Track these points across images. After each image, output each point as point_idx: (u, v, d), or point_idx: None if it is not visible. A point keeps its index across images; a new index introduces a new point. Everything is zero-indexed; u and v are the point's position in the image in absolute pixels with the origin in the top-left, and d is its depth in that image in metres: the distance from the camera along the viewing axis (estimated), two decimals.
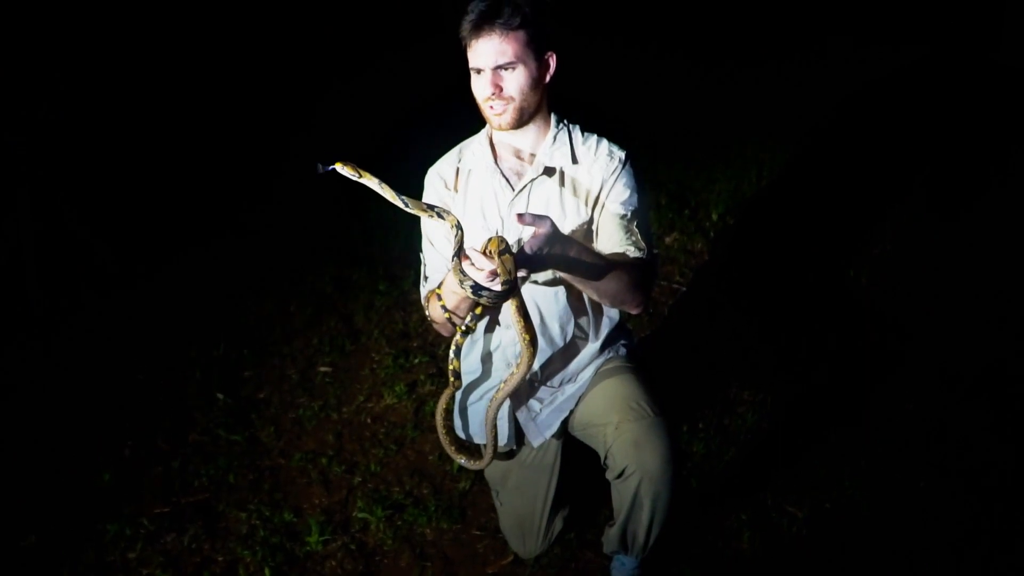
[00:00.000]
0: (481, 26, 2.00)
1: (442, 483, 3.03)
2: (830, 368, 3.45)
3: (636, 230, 2.11)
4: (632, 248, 2.09)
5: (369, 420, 3.41)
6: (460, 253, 1.84)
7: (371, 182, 1.89)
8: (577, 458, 2.38)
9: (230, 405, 3.52)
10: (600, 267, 1.97)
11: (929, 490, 2.80)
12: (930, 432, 3.06)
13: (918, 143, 5.39)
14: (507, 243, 1.81)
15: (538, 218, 1.81)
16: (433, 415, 3.24)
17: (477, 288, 1.78)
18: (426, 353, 3.78)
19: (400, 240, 4.53)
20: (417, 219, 2.13)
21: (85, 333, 4.01)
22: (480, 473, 2.89)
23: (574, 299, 2.20)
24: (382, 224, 4.76)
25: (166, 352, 3.86)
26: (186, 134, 5.82)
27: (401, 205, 1.92)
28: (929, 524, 2.67)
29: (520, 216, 1.80)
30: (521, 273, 1.82)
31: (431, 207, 1.95)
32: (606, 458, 2.09)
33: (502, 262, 1.76)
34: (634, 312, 2.15)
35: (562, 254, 1.87)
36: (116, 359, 3.82)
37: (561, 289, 2.18)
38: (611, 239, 2.11)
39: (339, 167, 1.88)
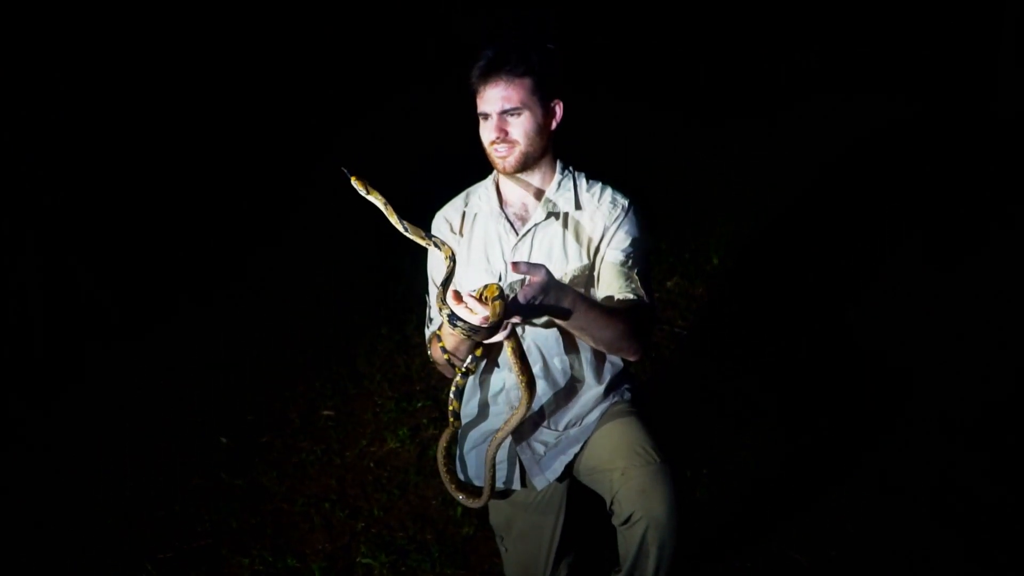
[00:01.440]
0: (489, 73, 2.08)
1: (445, 528, 3.02)
2: (832, 415, 3.46)
3: (636, 277, 2.14)
4: (631, 295, 2.11)
5: (372, 464, 3.41)
6: (447, 284, 1.90)
7: (377, 200, 1.96)
8: (582, 503, 2.38)
9: (232, 449, 3.52)
10: (596, 315, 2.00)
11: (932, 538, 2.79)
12: (932, 480, 3.05)
13: (915, 192, 5.45)
14: (503, 291, 1.84)
15: (533, 267, 1.83)
16: (436, 460, 3.26)
17: (453, 317, 1.82)
18: (429, 397, 3.79)
19: (402, 284, 4.56)
20: (419, 263, 2.15)
21: (89, 380, 4.01)
22: (484, 518, 2.88)
23: (576, 342, 2.22)
24: (384, 268, 4.79)
25: (168, 396, 3.87)
26: (189, 180, 5.87)
27: (401, 229, 1.97)
28: (933, 572, 2.66)
29: (515, 265, 1.83)
30: (515, 319, 1.85)
31: (429, 236, 2.00)
32: (612, 504, 2.09)
33: (493, 306, 1.79)
34: (632, 359, 2.17)
35: (556, 303, 1.89)
36: (119, 403, 3.82)
37: (561, 333, 2.20)
38: (611, 285, 2.14)
39: (353, 180, 1.94)
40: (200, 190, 5.82)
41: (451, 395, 2.19)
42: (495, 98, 2.08)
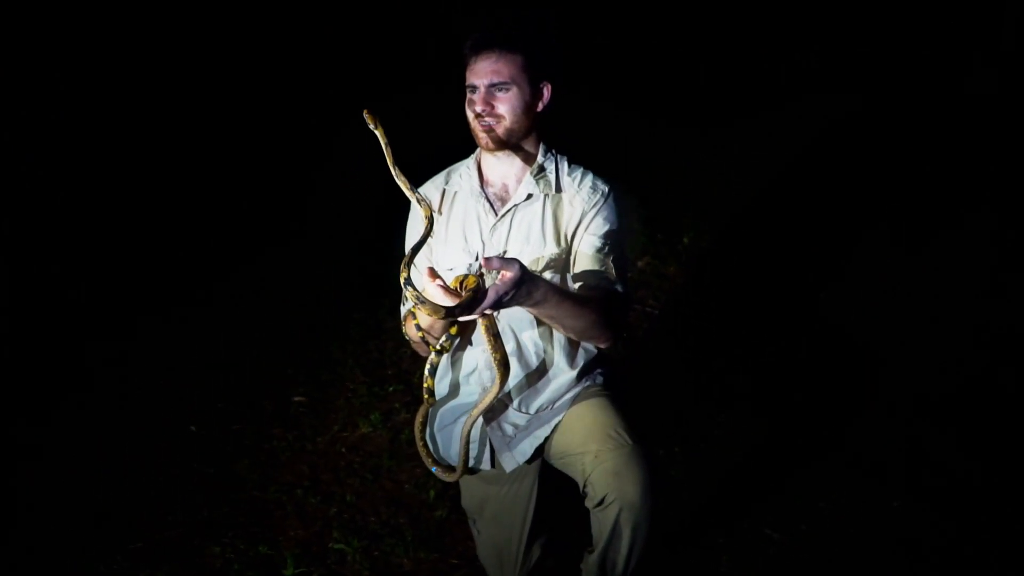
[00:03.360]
0: (480, 46, 2.11)
1: (419, 512, 3.02)
2: (804, 392, 3.48)
3: (611, 264, 2.14)
4: (605, 281, 2.12)
5: (344, 450, 3.39)
6: (418, 248, 1.92)
7: (381, 138, 1.99)
8: (554, 485, 2.38)
9: (203, 437, 3.49)
10: (568, 306, 2.00)
11: (904, 511, 2.83)
12: (903, 454, 3.09)
13: (889, 171, 5.48)
14: (480, 286, 1.85)
15: (506, 262, 1.83)
16: (409, 443, 3.25)
17: (408, 282, 1.83)
18: (401, 381, 3.77)
19: (373, 267, 4.52)
20: (393, 245, 2.13)
21: (57, 371, 3.96)
22: (457, 501, 2.88)
23: (548, 327, 2.21)
24: (356, 250, 4.76)
25: (137, 386, 3.82)
26: (157, 175, 5.80)
27: (392, 172, 1.99)
28: (904, 545, 2.69)
29: (488, 260, 1.82)
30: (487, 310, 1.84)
31: (414, 189, 2.01)
32: (585, 487, 2.09)
33: (465, 293, 1.83)
34: (603, 346, 2.20)
35: (527, 296, 1.89)
36: (86, 394, 3.77)
37: (535, 317, 2.19)
38: (585, 271, 2.14)
39: (364, 112, 1.98)
40: (174, 184, 5.75)
41: (426, 373, 2.20)
42: (484, 71, 2.11)
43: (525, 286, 1.86)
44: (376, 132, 1.99)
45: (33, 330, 4.22)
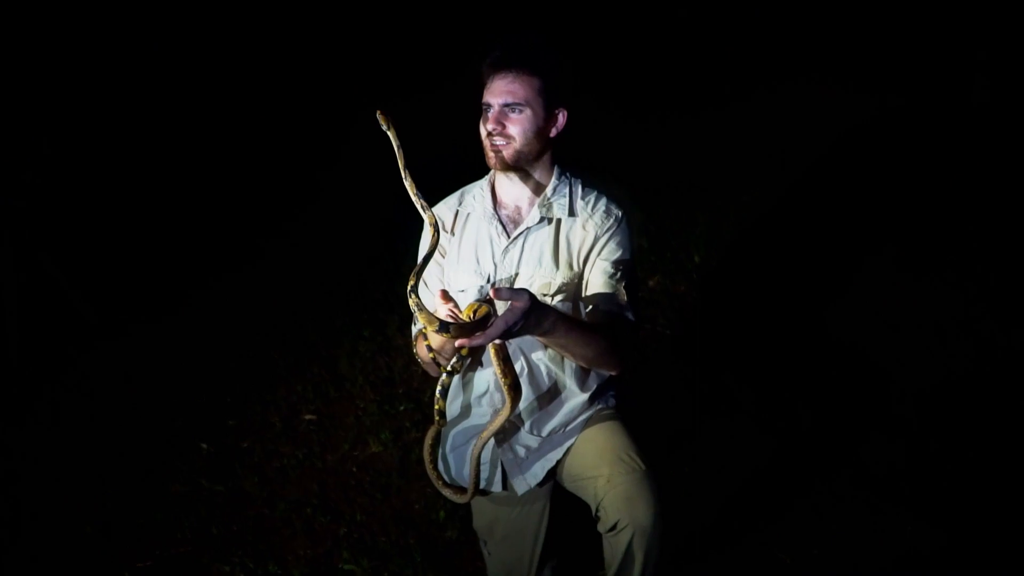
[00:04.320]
0: (499, 65, 2.12)
1: (429, 532, 3.01)
2: (814, 410, 3.46)
3: (622, 291, 2.14)
4: (615, 308, 2.12)
5: (354, 468, 3.39)
6: (427, 259, 1.97)
7: (393, 140, 2.01)
8: (566, 509, 2.37)
9: (213, 454, 3.49)
10: (577, 335, 2.01)
11: (916, 533, 2.80)
12: (915, 473, 3.06)
13: (894, 182, 5.46)
14: (493, 312, 1.87)
15: (515, 292, 1.83)
16: (419, 463, 3.24)
17: (414, 289, 1.88)
18: (411, 399, 3.77)
19: (383, 284, 4.53)
20: (401, 263, 2.14)
21: (66, 384, 3.97)
22: (468, 522, 2.87)
23: None
24: (365, 268, 4.76)
25: (148, 402, 3.83)
26: (169, 182, 5.83)
27: (403, 175, 2.01)
28: (918, 569, 2.67)
29: (497, 291, 1.83)
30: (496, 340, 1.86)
31: (420, 195, 2.02)
32: (597, 511, 2.08)
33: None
34: (612, 374, 2.20)
35: (536, 324, 1.89)
36: (97, 408, 3.78)
37: None
38: (596, 296, 2.14)
39: (378, 113, 2.01)
40: (186, 194, 5.77)
41: (437, 394, 2.19)
42: (500, 90, 2.11)
43: (534, 315, 1.86)
44: (388, 133, 2.00)
45: (40, 342, 4.24)
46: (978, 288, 4.22)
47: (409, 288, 1.87)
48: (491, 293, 1.83)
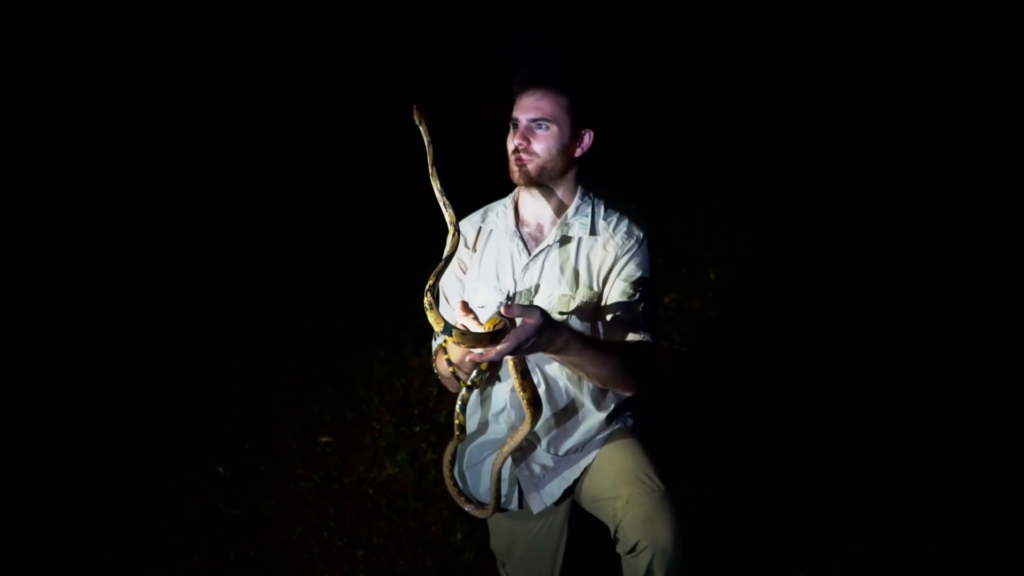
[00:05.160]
0: (529, 83, 2.16)
1: (446, 554, 2.99)
2: (833, 431, 3.43)
3: (641, 312, 2.13)
4: (632, 331, 2.11)
5: (370, 491, 3.37)
6: (447, 261, 1.99)
7: (425, 135, 2.03)
8: (585, 530, 2.35)
9: (230, 478, 3.49)
10: (591, 353, 2.00)
11: (939, 554, 2.76)
12: (936, 493, 3.02)
13: (909, 198, 5.42)
14: (508, 326, 1.86)
15: (526, 309, 1.83)
16: (435, 484, 3.23)
17: (432, 288, 1.89)
18: (427, 421, 3.75)
19: (398, 303, 4.52)
20: (418, 276, 2.13)
21: (85, 409, 3.98)
22: (485, 544, 2.85)
23: None
24: (380, 289, 4.76)
25: (165, 426, 3.83)
26: (183, 207, 5.84)
27: (430, 170, 2.02)
28: None
29: (508, 308, 1.83)
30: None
31: (444, 193, 2.04)
32: (616, 532, 2.07)
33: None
34: (629, 394, 2.19)
35: (549, 342, 1.89)
36: (114, 433, 3.79)
37: None
38: (614, 317, 2.14)
39: (414, 108, 2.05)
40: (202, 215, 5.78)
41: (457, 408, 2.20)
42: (528, 106, 2.15)
43: (547, 333, 1.85)
44: (420, 128, 2.03)
45: (59, 367, 4.26)
46: (999, 304, 4.17)
47: (427, 287, 1.88)
48: (503, 310, 1.83)
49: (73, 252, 4.69)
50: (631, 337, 2.11)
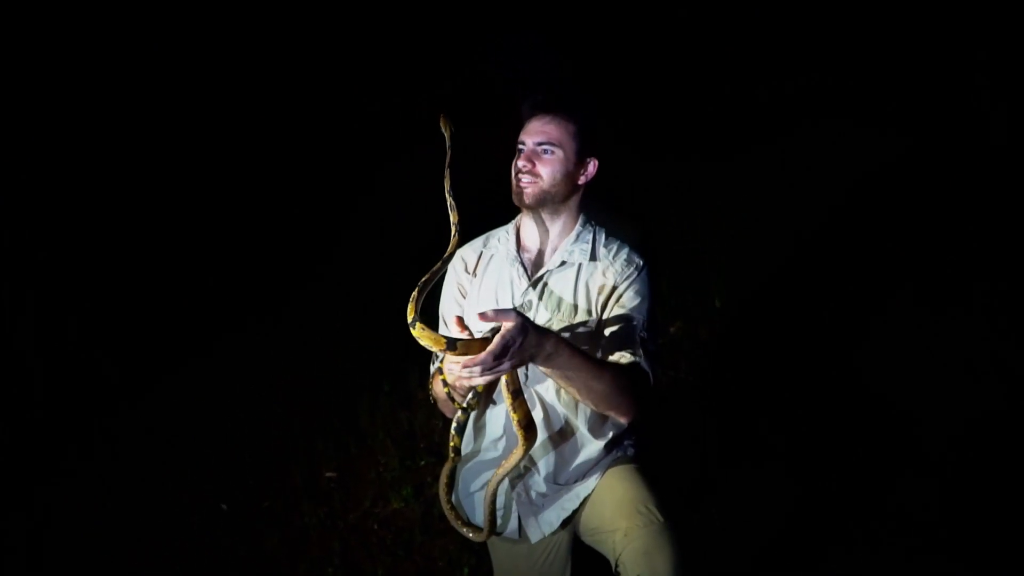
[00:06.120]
0: (537, 107, 2.19)
1: None
2: (845, 456, 3.38)
3: (638, 338, 2.12)
4: (629, 353, 2.10)
5: (376, 526, 3.35)
6: (446, 260, 2.03)
7: (447, 139, 2.12)
8: (589, 563, 2.32)
9: (233, 515, 3.46)
10: (581, 363, 1.98)
11: None
12: (949, 518, 2.97)
13: (916, 220, 5.40)
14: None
15: (501, 312, 1.83)
16: (442, 518, 3.19)
17: (427, 285, 1.97)
18: (433, 454, 3.73)
19: (402, 336, 4.50)
20: (424, 309, 2.12)
21: (89, 446, 3.97)
22: None
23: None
24: (385, 322, 4.74)
25: (167, 463, 3.81)
26: (185, 237, 5.84)
27: (445, 171, 2.07)
28: None
29: (482, 315, 1.83)
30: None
31: (452, 194, 2.09)
32: (616, 566, 2.04)
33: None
34: (623, 420, 2.14)
35: (538, 345, 1.88)
36: (118, 470, 3.77)
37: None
38: (611, 341, 2.13)
39: (442, 117, 2.14)
40: (203, 244, 5.78)
41: (452, 431, 2.21)
42: (535, 130, 2.19)
43: (532, 335, 1.85)
44: (444, 132, 2.10)
45: (64, 403, 4.24)
46: (1008, 323, 4.14)
47: (421, 281, 1.96)
48: (478, 317, 1.83)
49: (75, 278, 4.68)
50: (626, 359, 2.09)
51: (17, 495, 3.67)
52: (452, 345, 1.83)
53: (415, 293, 1.92)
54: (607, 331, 2.15)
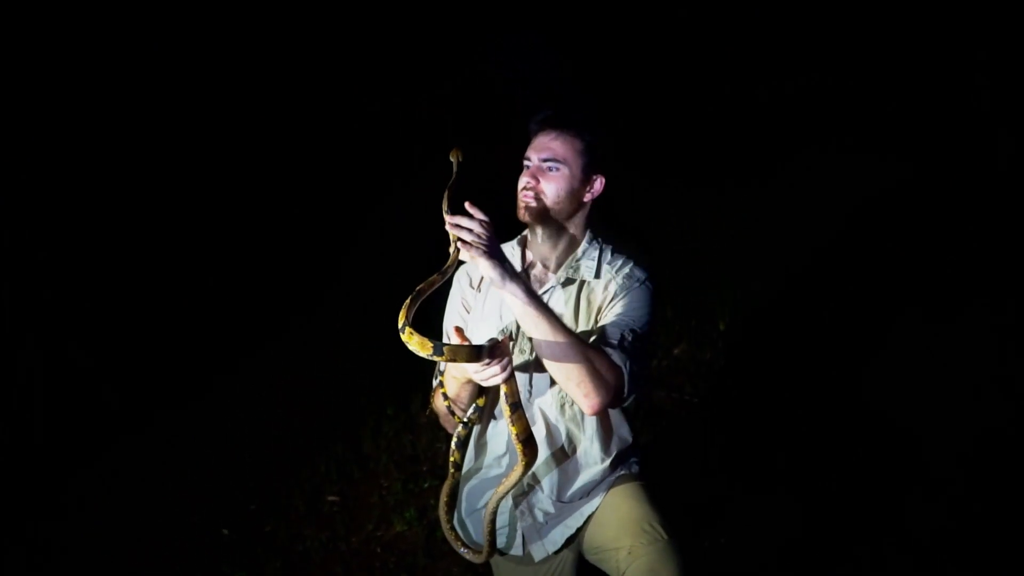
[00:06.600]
0: (545, 123, 2.19)
1: None
2: (851, 478, 3.36)
3: (626, 337, 2.04)
4: (612, 344, 2.02)
5: (379, 549, 3.32)
6: (444, 274, 1.99)
7: (455, 168, 2.08)
8: None
9: (235, 540, 3.43)
10: (558, 325, 1.94)
11: None
12: (955, 538, 2.94)
13: (921, 241, 5.39)
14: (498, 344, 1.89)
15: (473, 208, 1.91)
16: (445, 541, 3.16)
17: (421, 295, 1.92)
18: (436, 477, 3.71)
19: (406, 360, 4.49)
20: (426, 331, 2.10)
21: (91, 473, 3.95)
22: None
23: (580, 412, 2.16)
24: (388, 345, 4.73)
25: (169, 489, 3.79)
26: (186, 259, 5.83)
27: (445, 192, 2.00)
28: None
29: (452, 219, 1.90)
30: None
31: (450, 212, 1.98)
32: None
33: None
34: (587, 411, 2.01)
35: (511, 275, 1.92)
36: (120, 497, 3.75)
37: (567, 401, 2.15)
38: (596, 338, 2.06)
39: (456, 149, 2.12)
40: (205, 272, 5.77)
41: (453, 446, 2.18)
42: (541, 146, 2.17)
43: (507, 263, 1.92)
44: (452, 161, 2.09)
45: (65, 430, 4.22)
46: (1014, 344, 4.12)
47: (416, 289, 1.93)
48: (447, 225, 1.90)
49: (77, 303, 4.67)
50: (611, 354, 2.00)
51: (16, 522, 3.64)
52: (439, 350, 1.81)
53: (408, 300, 1.90)
54: (598, 328, 2.10)
